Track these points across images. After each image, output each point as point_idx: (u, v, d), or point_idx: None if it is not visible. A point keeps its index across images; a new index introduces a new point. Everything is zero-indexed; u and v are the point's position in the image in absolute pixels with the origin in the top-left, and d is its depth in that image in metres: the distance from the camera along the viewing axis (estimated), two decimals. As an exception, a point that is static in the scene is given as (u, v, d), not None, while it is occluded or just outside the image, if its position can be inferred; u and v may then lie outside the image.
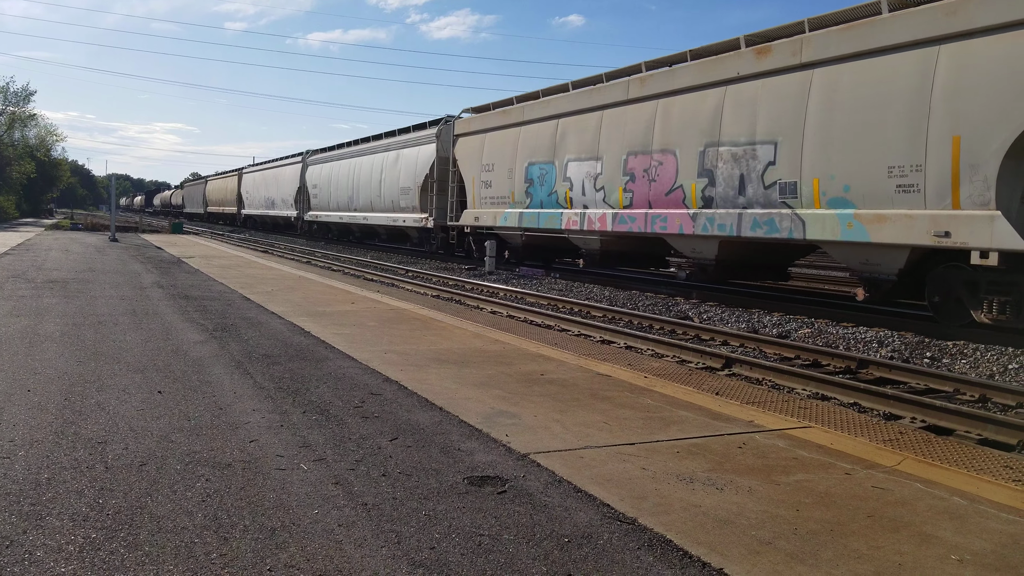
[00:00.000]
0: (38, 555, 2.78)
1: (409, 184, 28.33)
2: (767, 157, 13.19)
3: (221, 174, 66.86)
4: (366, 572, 2.74)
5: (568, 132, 18.83)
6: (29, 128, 60.38)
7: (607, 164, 17.32)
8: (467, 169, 23.76)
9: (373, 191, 31.80)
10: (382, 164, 31.13)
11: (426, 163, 26.97)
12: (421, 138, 28.08)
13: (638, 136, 16.34)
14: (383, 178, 30.87)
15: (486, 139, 22.66)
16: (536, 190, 20.09)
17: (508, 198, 21.33)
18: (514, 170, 20.94)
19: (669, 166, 15.47)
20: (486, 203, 22.61)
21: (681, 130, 15.18)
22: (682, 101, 15.28)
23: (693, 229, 14.81)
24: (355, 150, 34.99)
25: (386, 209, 30.75)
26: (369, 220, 32.71)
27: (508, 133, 21.54)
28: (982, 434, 6.27)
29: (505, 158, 21.45)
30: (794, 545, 3.07)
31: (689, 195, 14.92)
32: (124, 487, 3.46)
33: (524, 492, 3.58)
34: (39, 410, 4.69)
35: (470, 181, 23.49)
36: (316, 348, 7.14)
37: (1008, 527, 3.34)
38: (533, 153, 20.17)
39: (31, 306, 9.41)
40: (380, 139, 32.41)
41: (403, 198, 28.98)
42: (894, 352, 10.11)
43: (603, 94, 17.75)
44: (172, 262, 17.97)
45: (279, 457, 3.96)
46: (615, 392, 5.76)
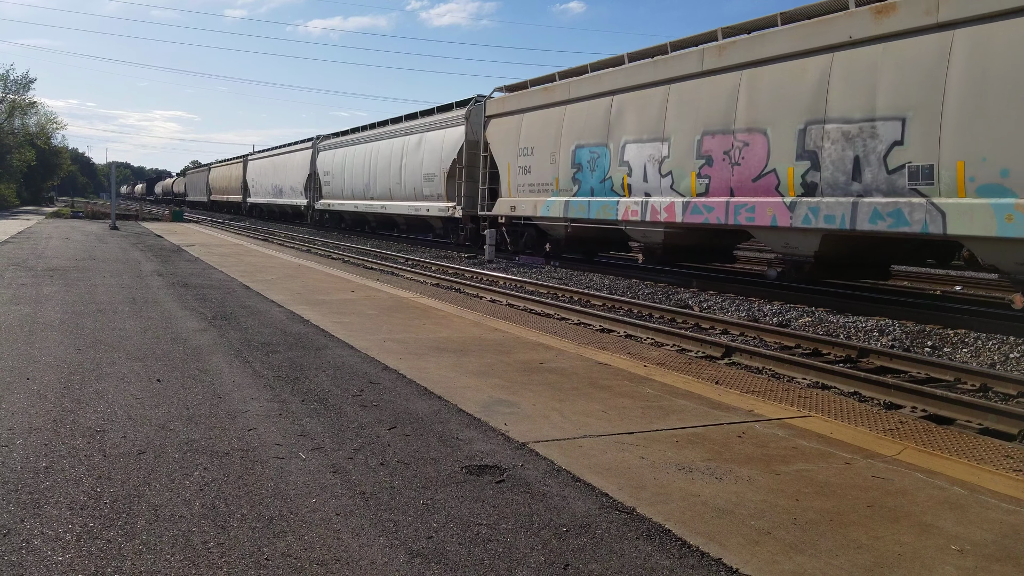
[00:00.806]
0: (36, 544, 2.77)
1: (434, 170, 26.21)
2: (891, 136, 11.19)
3: (225, 161, 64.81)
4: (363, 561, 2.74)
5: (626, 110, 16.67)
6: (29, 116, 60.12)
7: (676, 146, 15.26)
8: (501, 153, 21.61)
9: (392, 178, 29.65)
10: (403, 149, 28.94)
11: (453, 147, 24.91)
12: (448, 120, 25.79)
13: (716, 113, 14.30)
14: (404, 164, 28.68)
15: (524, 120, 20.47)
16: (585, 176, 17.93)
17: (550, 185, 19.23)
18: (558, 154, 18.83)
19: (757, 148, 13.42)
20: (524, 191, 20.42)
21: (773, 105, 13.15)
22: (773, 72, 13.17)
23: (790, 221, 12.73)
24: (372, 134, 32.66)
25: (407, 197, 28.63)
26: (388, 209, 30.65)
27: (551, 113, 19.30)
28: (983, 423, 6.26)
29: (547, 141, 19.32)
30: (793, 535, 3.06)
31: (784, 181, 12.86)
32: (122, 476, 3.45)
33: (522, 481, 3.57)
34: (38, 398, 4.68)
35: (505, 167, 21.38)
36: (315, 336, 7.13)
37: (1009, 517, 3.33)
38: (582, 135, 18.01)
39: (31, 294, 9.40)
40: (400, 122, 30.26)
41: (427, 185, 26.80)
42: (895, 341, 10.09)
43: (670, 66, 15.55)
44: (172, 250, 17.95)
45: (277, 446, 3.95)
46: (614, 381, 5.75)
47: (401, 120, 30.37)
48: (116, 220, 30.80)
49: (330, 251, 23.79)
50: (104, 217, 37.17)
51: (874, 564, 2.83)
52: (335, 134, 38.02)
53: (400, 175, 28.98)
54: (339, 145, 36.42)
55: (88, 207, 54.13)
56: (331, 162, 36.82)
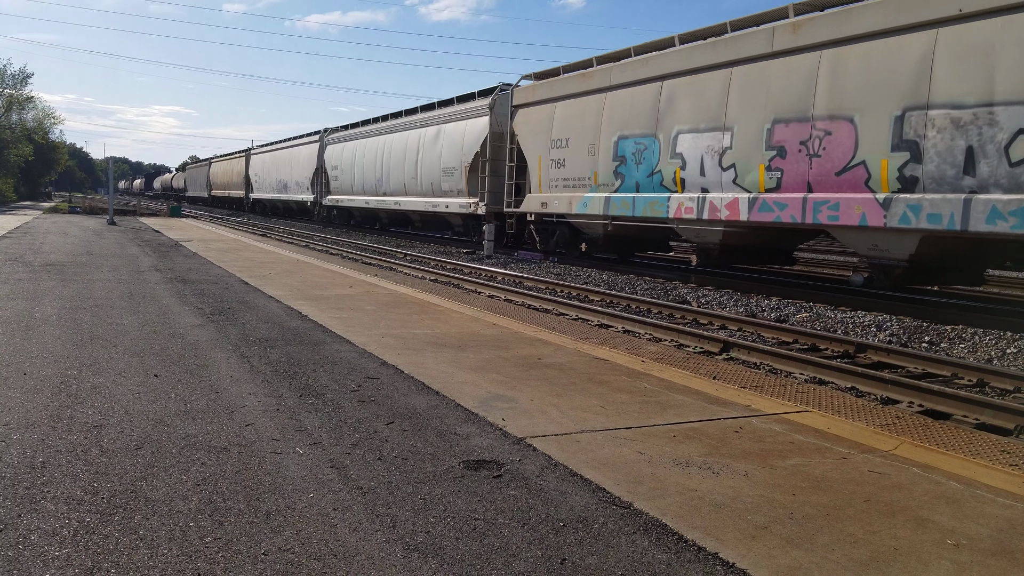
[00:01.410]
0: (32, 539, 2.77)
1: (454, 164, 24.65)
2: (1016, 123, 9.89)
3: (226, 155, 62.91)
4: (361, 556, 2.74)
5: (678, 96, 15.16)
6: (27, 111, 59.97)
7: (740, 136, 13.75)
8: (530, 146, 19.96)
9: (407, 173, 27.97)
10: (419, 142, 27.22)
11: (476, 139, 23.31)
12: (470, 111, 24.25)
13: (790, 99, 12.83)
14: (420, 158, 27.00)
15: (557, 109, 18.83)
16: (629, 170, 16.34)
17: (588, 180, 17.60)
18: (597, 146, 17.22)
19: (842, 137, 11.95)
20: (557, 186, 18.81)
21: (862, 89, 11.69)
22: (862, 51, 11.70)
23: (884, 220, 11.27)
24: (385, 126, 30.99)
25: (423, 193, 26.95)
26: (402, 205, 28.86)
27: (589, 101, 17.64)
28: (979, 418, 6.27)
29: (584, 131, 17.66)
30: (790, 529, 3.07)
31: (877, 175, 11.44)
32: (119, 471, 3.45)
33: (520, 476, 3.57)
34: (35, 393, 4.68)
35: (535, 160, 19.70)
36: (313, 332, 7.12)
37: (1005, 512, 3.34)
38: (625, 124, 16.39)
39: (28, 289, 9.38)
40: (415, 113, 28.55)
41: (446, 180, 25.26)
42: (892, 336, 10.11)
43: (732, 47, 14.02)
44: (170, 245, 17.92)
45: (275, 441, 3.95)
46: (612, 376, 5.75)
47: (417, 111, 28.70)
48: (114, 215, 30.75)
49: (328, 247, 23.77)
50: (102, 212, 37.12)
51: (870, 558, 2.84)
52: (344, 127, 36.69)
53: (416, 169, 27.46)
54: (348, 138, 34.90)
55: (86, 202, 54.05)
56: (340, 156, 35.42)
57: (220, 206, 62.90)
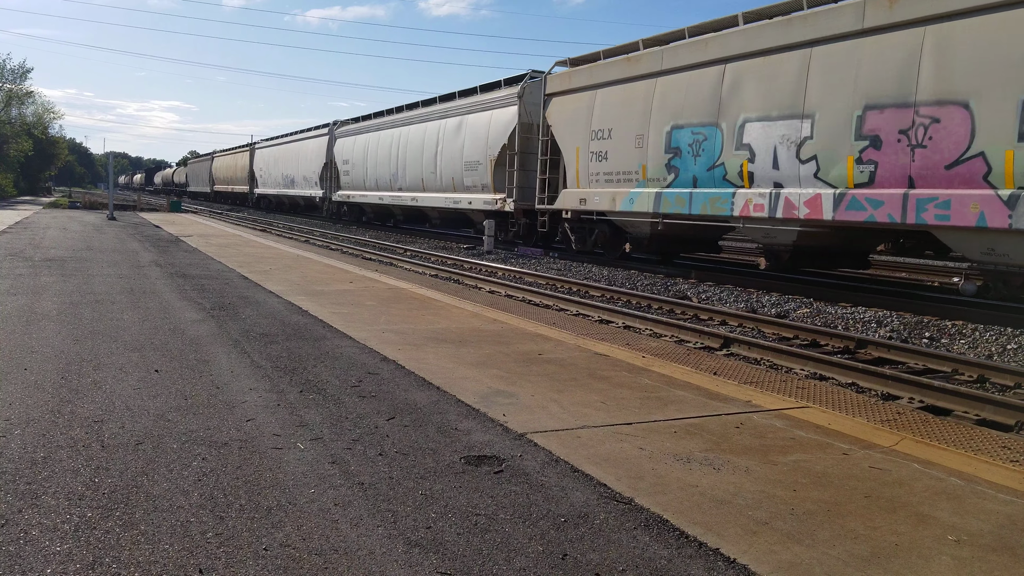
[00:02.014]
0: (33, 534, 2.77)
1: (478, 157, 23.04)
2: None
3: (230, 150, 61.61)
4: (362, 551, 2.74)
5: (744, 81, 13.66)
6: (26, 106, 59.94)
7: (823, 124, 12.35)
8: (566, 137, 18.42)
9: (426, 167, 26.39)
10: (438, 134, 25.62)
11: (503, 131, 21.76)
12: (496, 100, 22.65)
13: (887, 81, 11.41)
14: (440, 151, 25.39)
15: (598, 97, 17.32)
16: (685, 162, 14.83)
17: (635, 174, 16.09)
18: (646, 137, 15.72)
19: (954, 125, 10.56)
20: (598, 180, 17.28)
21: (979, 70, 10.29)
22: (976, 26, 10.33)
23: (1008, 221, 9.88)
24: (400, 118, 29.29)
25: (443, 188, 25.36)
26: (419, 202, 27.30)
27: (635, 88, 16.17)
28: (980, 414, 6.27)
29: (630, 121, 16.17)
30: (791, 525, 3.07)
31: (998, 168, 10.05)
32: (120, 466, 3.45)
33: (521, 472, 3.57)
34: (35, 388, 4.68)
35: (572, 152, 18.14)
36: (314, 327, 7.12)
37: (1005, 508, 3.34)
38: (680, 113, 14.95)
39: (28, 284, 9.38)
40: (434, 104, 27.01)
41: (469, 175, 23.63)
42: (893, 332, 10.10)
43: (811, 25, 12.62)
44: (170, 241, 17.92)
45: (276, 436, 3.95)
46: (613, 372, 5.75)
47: (435, 102, 27.11)
48: (114, 210, 30.73)
49: (329, 242, 23.76)
50: (102, 207, 37.09)
51: (871, 554, 2.84)
52: (355, 119, 35.06)
53: (435, 163, 25.80)
54: (360, 131, 33.35)
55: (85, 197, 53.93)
56: (351, 150, 33.81)
57: (223, 202, 61.63)
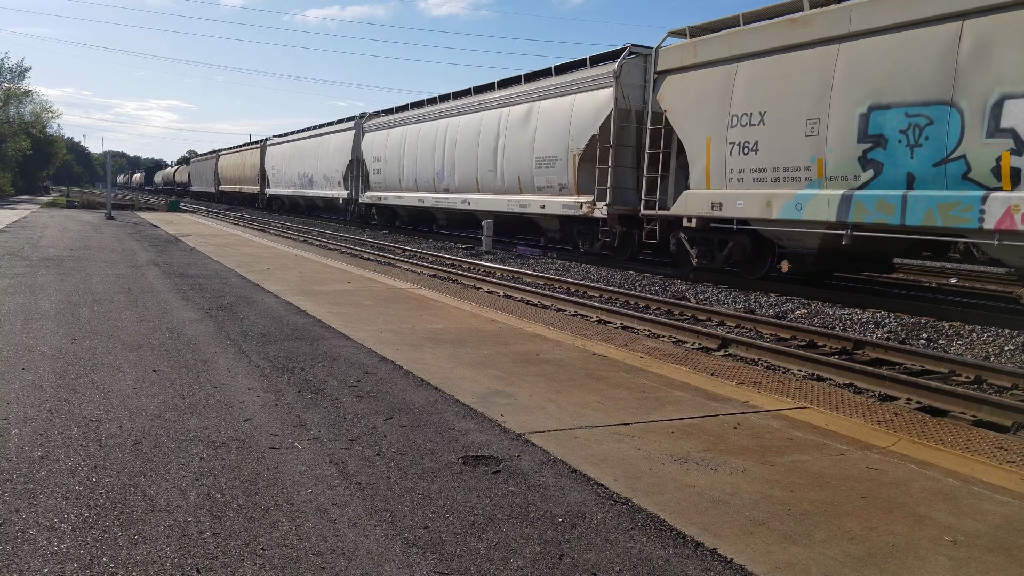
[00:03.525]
0: (31, 533, 2.77)
1: (555, 152, 19.33)
2: None
3: (237, 147, 57.92)
4: (359, 551, 2.74)
5: (996, 43, 10.09)
6: (24, 105, 59.92)
7: None
8: (690, 125, 14.91)
9: (482, 164, 22.55)
10: (499, 125, 21.82)
11: (592, 119, 17.83)
12: (582, 81, 18.71)
13: None
14: (501, 145, 21.62)
15: (740, 72, 13.77)
16: (893, 155, 11.24)
17: (805, 171, 12.47)
18: (824, 121, 12.11)
19: None
20: (742, 180, 13.68)
21: None
22: None
23: None
24: (446, 108, 25.80)
25: (505, 189, 21.60)
26: (472, 205, 23.33)
27: (803, 58, 12.56)
28: (977, 415, 6.28)
29: (795, 101, 12.62)
30: (788, 526, 3.07)
31: None
32: (118, 465, 3.45)
33: (518, 472, 3.58)
34: (33, 388, 4.67)
35: (698, 144, 14.65)
36: (312, 327, 7.12)
37: (1002, 508, 3.34)
38: (883, 88, 11.32)
39: (26, 284, 9.37)
40: (492, 90, 23.18)
41: (542, 173, 19.86)
42: (890, 333, 10.12)
43: None
44: (168, 240, 17.90)
45: (273, 436, 3.96)
46: (611, 372, 5.76)
47: (493, 87, 23.37)
48: (112, 210, 30.70)
49: (327, 242, 23.76)
50: (100, 207, 37.06)
51: (868, 554, 2.85)
52: (387, 111, 31.66)
53: (494, 160, 21.97)
54: (394, 124, 29.60)
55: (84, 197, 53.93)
56: (383, 145, 30.09)
57: (230, 203, 58.22)
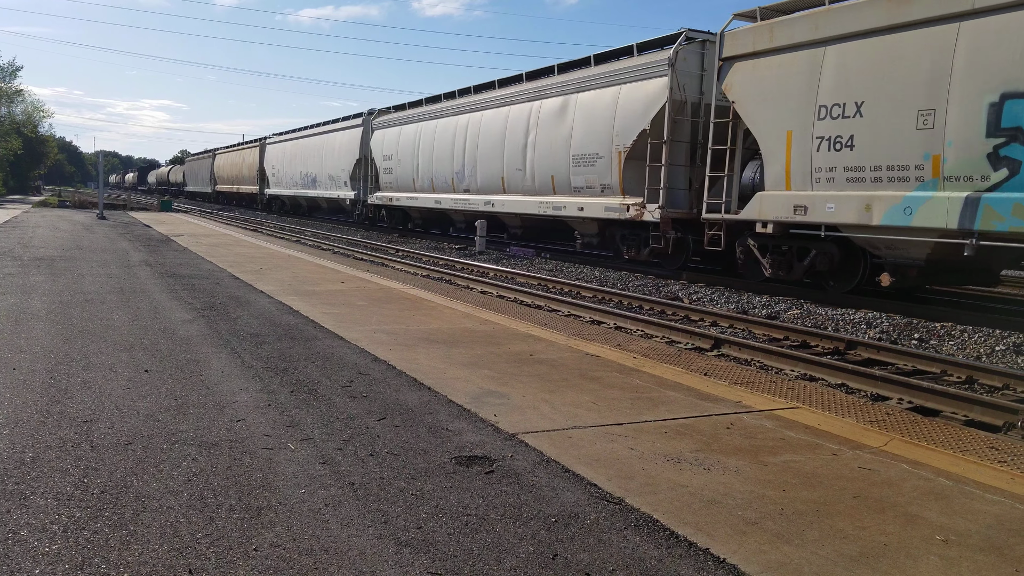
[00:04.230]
0: (22, 534, 2.76)
1: (596, 149, 17.54)
2: None
3: (235, 146, 56.42)
4: (352, 551, 2.74)
5: None
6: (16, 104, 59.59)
7: None
8: (765, 117, 13.29)
9: (509, 162, 20.96)
10: (529, 119, 20.12)
11: (642, 112, 16.15)
12: (629, 71, 16.89)
13: None
14: (531, 142, 19.91)
15: (829, 57, 12.09)
16: None
17: (916, 169, 10.93)
18: (940, 112, 10.58)
19: None
20: (832, 180, 12.06)
21: None
22: None
23: None
24: (466, 103, 24.15)
25: (536, 190, 19.94)
26: (498, 207, 21.89)
27: (910, 40, 10.96)
28: (968, 415, 6.31)
29: (903, 88, 11.02)
30: (780, 525, 3.08)
31: None
32: (109, 466, 3.44)
33: (512, 472, 3.58)
34: (24, 388, 4.65)
35: (775, 139, 13.05)
36: (305, 327, 7.10)
37: (993, 508, 3.36)
38: (1019, 75, 9.82)
39: (17, 284, 9.32)
40: (521, 82, 21.54)
41: (580, 172, 18.11)
42: (882, 333, 10.16)
43: None
44: (160, 240, 17.84)
45: (266, 436, 3.94)
46: (604, 372, 5.76)
47: (521, 79, 21.58)
48: (104, 209, 30.57)
49: (320, 242, 23.71)
50: (91, 206, 36.89)
51: (860, 554, 2.86)
52: (398, 106, 29.97)
53: (523, 158, 20.26)
54: (407, 120, 27.99)
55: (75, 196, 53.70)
56: (394, 143, 28.48)
57: (227, 203, 56.93)
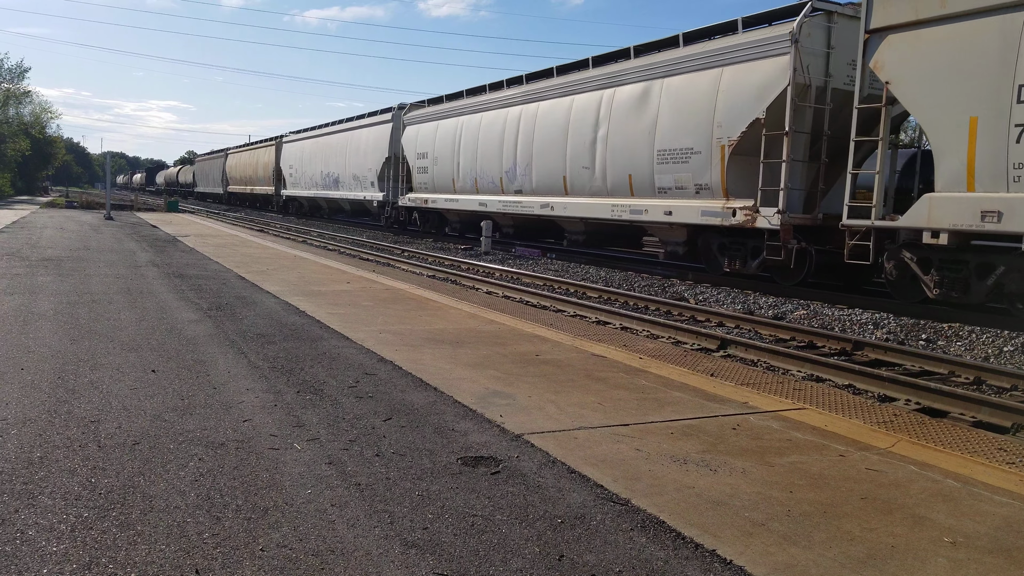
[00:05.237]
0: (30, 534, 2.77)
1: (691, 143, 15.14)
2: None
3: (248, 145, 55.01)
4: (359, 552, 2.74)
5: None
6: (24, 105, 59.88)
7: None
8: (931, 101, 10.85)
9: (573, 160, 18.68)
10: (597, 111, 17.80)
11: (752, 98, 13.89)
12: (733, 50, 14.40)
13: None
14: (602, 136, 17.58)
15: None
16: None
17: None
18: None
19: None
20: None
21: None
22: None
23: None
24: (517, 93, 21.68)
25: (607, 192, 17.55)
26: (557, 210, 19.62)
27: None
28: (976, 416, 6.28)
29: None
30: (787, 527, 3.07)
31: None
32: (117, 466, 3.45)
33: (518, 473, 3.57)
34: (32, 388, 4.67)
35: (951, 127, 10.57)
36: (311, 328, 7.12)
37: (1001, 510, 3.34)
38: None
39: (25, 284, 9.36)
40: (584, 68, 19.05)
41: (666, 170, 15.73)
42: (889, 334, 10.12)
43: None
44: (167, 241, 17.89)
45: (272, 437, 3.95)
46: (610, 373, 5.76)
47: (588, 65, 19.03)
48: (111, 210, 30.68)
49: (326, 242, 23.75)
50: (99, 207, 37.04)
51: (867, 556, 2.84)
52: (434, 99, 27.56)
53: (591, 154, 18.00)
54: (446, 114, 25.92)
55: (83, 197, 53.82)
56: (430, 139, 26.42)
57: (240, 205, 54.98)
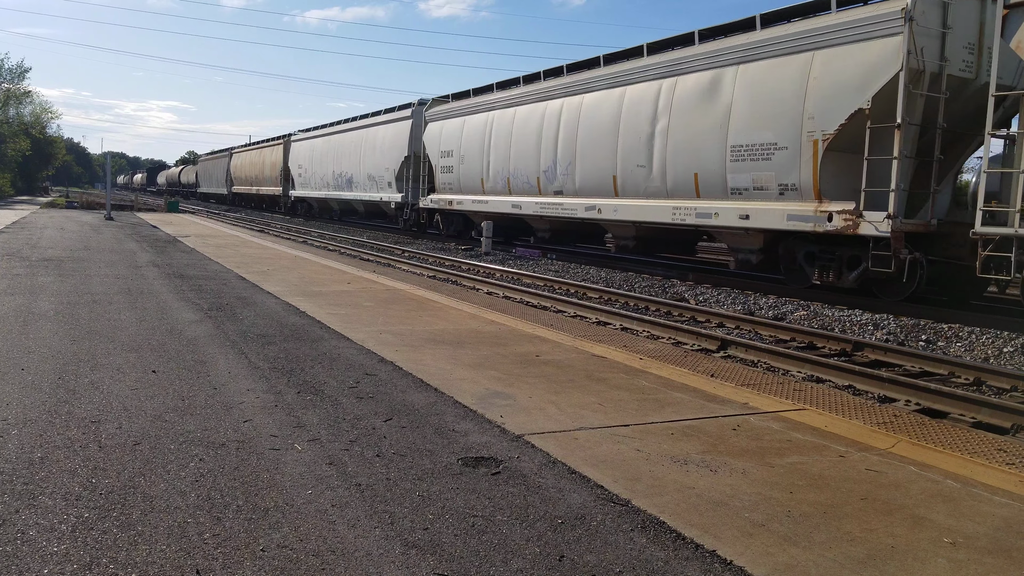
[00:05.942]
0: (31, 534, 2.77)
1: (773, 136, 13.23)
2: None
3: (254, 144, 53.30)
4: (359, 552, 2.74)
5: None
6: (24, 105, 60.00)
7: None
8: None
9: (625, 157, 16.61)
10: (656, 103, 15.80)
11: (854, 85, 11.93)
12: (826, 32, 12.45)
13: None
14: (659, 130, 15.59)
15: None
16: None
17: None
18: None
19: None
20: None
21: None
22: None
23: None
24: (558, 84, 19.60)
25: (667, 193, 15.62)
26: (604, 214, 17.58)
27: None
28: (976, 417, 6.29)
29: None
30: (787, 527, 3.07)
31: None
32: (117, 466, 3.45)
33: (518, 473, 3.58)
34: (32, 389, 4.67)
35: None
36: (311, 328, 7.12)
37: (1001, 510, 3.35)
38: None
39: (25, 284, 9.36)
40: (638, 56, 16.93)
41: (742, 168, 13.80)
42: (889, 335, 10.12)
43: None
44: (168, 241, 17.89)
45: (273, 437, 3.95)
46: (610, 374, 5.76)
47: (642, 53, 16.84)
48: (111, 210, 30.69)
49: (326, 243, 23.75)
50: (99, 207, 37.04)
51: (867, 556, 2.85)
52: (459, 94, 25.49)
53: (649, 150, 15.95)
54: (473, 109, 23.76)
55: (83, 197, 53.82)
56: (456, 136, 24.37)
57: (245, 206, 53.39)
